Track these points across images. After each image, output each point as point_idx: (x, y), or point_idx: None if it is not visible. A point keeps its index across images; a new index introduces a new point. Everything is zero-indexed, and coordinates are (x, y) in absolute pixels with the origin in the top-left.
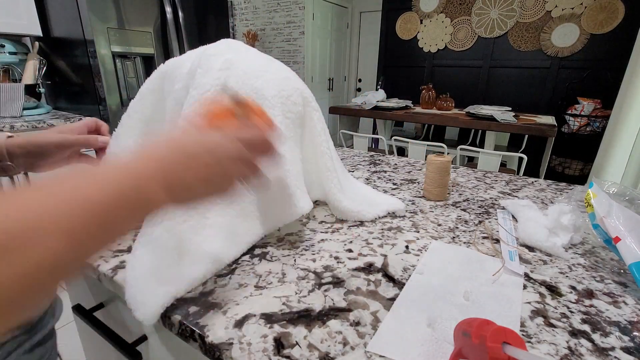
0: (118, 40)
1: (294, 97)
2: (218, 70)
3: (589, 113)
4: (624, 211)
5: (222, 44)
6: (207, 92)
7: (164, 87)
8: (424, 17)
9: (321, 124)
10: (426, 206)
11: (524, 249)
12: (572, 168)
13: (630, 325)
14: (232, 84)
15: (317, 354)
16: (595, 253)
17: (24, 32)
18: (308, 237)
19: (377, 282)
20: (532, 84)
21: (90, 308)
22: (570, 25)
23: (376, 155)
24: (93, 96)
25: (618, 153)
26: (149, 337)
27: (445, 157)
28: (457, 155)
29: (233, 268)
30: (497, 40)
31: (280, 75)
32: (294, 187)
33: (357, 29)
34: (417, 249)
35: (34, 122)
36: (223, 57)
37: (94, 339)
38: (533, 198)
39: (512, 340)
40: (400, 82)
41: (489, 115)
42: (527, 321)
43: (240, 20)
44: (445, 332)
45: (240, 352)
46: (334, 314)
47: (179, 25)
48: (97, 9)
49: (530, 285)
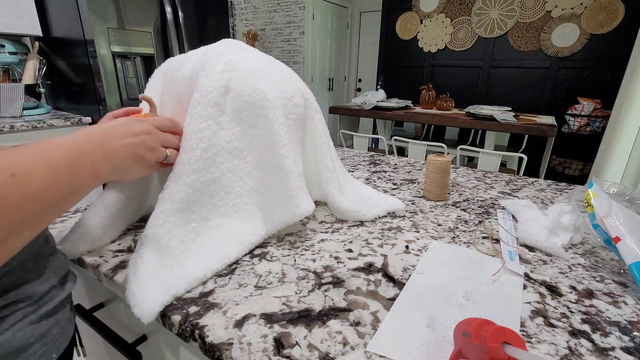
0: (118, 40)
1: (296, 98)
2: (220, 72)
3: (589, 113)
4: (624, 211)
5: (223, 44)
6: (210, 94)
7: (165, 89)
8: (424, 17)
9: (322, 125)
10: (426, 206)
11: (524, 249)
12: (572, 168)
13: (630, 325)
14: (235, 85)
15: (317, 354)
16: (595, 253)
17: (24, 32)
18: (308, 237)
19: (377, 282)
20: (532, 84)
21: (90, 308)
22: (570, 25)
23: (376, 155)
24: (93, 96)
25: (618, 153)
26: (149, 337)
27: (445, 157)
28: (457, 155)
29: (233, 268)
30: (497, 40)
31: (282, 76)
32: (297, 188)
33: (357, 29)
34: (417, 249)
35: (34, 122)
36: (224, 58)
37: (94, 339)
38: (533, 198)
39: (512, 340)
40: (400, 82)
41: (489, 115)
42: (527, 321)
43: (240, 20)
44: (445, 332)
45: (240, 352)
46: (334, 314)
47: (179, 25)
48: (97, 9)
49: (530, 285)
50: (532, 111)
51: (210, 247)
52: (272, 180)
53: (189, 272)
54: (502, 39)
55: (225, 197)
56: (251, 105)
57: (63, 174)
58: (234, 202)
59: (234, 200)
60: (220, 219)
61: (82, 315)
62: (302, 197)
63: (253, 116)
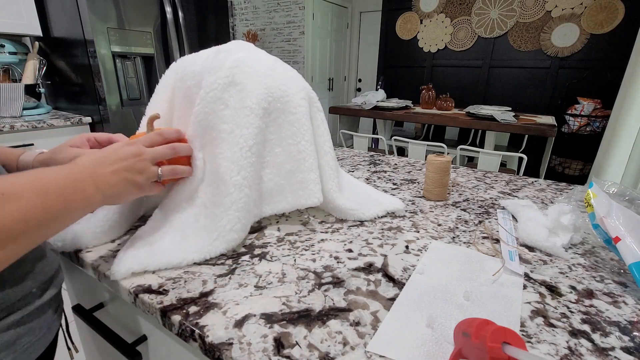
0: (118, 40)
1: (301, 94)
2: (228, 68)
3: (589, 113)
4: (624, 211)
5: (234, 43)
6: (215, 89)
7: (175, 84)
8: (424, 17)
9: (324, 124)
10: (426, 206)
11: (524, 249)
12: (572, 168)
13: (630, 325)
14: (241, 80)
15: (317, 354)
16: (595, 253)
17: (24, 32)
18: (308, 237)
19: (377, 282)
20: (532, 84)
21: (90, 308)
22: (570, 25)
23: (376, 155)
24: (93, 96)
25: (618, 153)
26: (148, 337)
27: (445, 157)
28: (457, 155)
29: (233, 268)
30: (497, 40)
31: (287, 75)
32: (313, 181)
33: (357, 29)
34: (417, 249)
35: (34, 122)
36: (234, 55)
37: (94, 339)
38: (533, 198)
39: (512, 340)
40: (400, 82)
41: (489, 115)
42: (527, 321)
43: (240, 20)
44: (445, 332)
45: (240, 352)
46: (334, 314)
47: (179, 25)
48: (97, 9)
49: (530, 285)
50: (532, 111)
51: (196, 240)
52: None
53: (167, 257)
54: (502, 39)
55: (221, 185)
56: (258, 100)
57: (53, 200)
58: (230, 191)
59: (229, 190)
60: (214, 209)
61: (82, 315)
62: (315, 186)
63: (260, 109)
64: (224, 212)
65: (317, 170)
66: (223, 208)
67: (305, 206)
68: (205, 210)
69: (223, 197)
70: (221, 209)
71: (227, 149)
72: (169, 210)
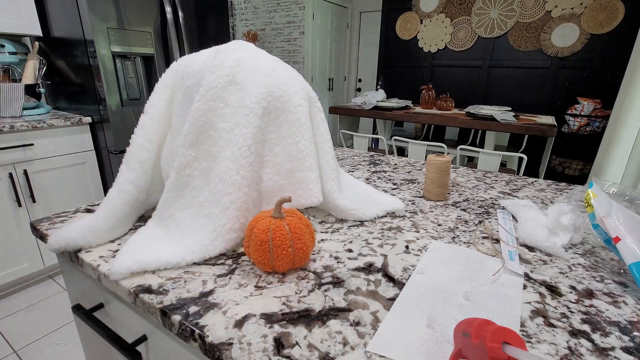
0: (118, 40)
1: (301, 94)
2: (228, 67)
3: (589, 113)
4: (624, 211)
5: (234, 43)
6: (215, 87)
7: (176, 83)
8: (424, 17)
9: (324, 124)
10: (426, 206)
11: (524, 249)
12: (572, 168)
13: (630, 325)
14: (241, 79)
15: (317, 354)
16: (595, 253)
17: (24, 32)
18: None
19: (377, 282)
20: (532, 84)
21: (90, 308)
22: (570, 25)
23: (376, 155)
24: (93, 96)
25: (618, 153)
26: (148, 337)
27: (445, 157)
28: (457, 155)
29: (233, 268)
30: (497, 40)
31: (287, 75)
32: (312, 181)
33: (357, 29)
34: (417, 249)
35: (34, 122)
36: (235, 55)
37: (94, 339)
38: (533, 198)
39: (512, 340)
40: (400, 82)
41: (489, 115)
42: (527, 321)
43: (240, 20)
44: (445, 332)
45: (240, 352)
46: (334, 314)
47: (179, 25)
48: (97, 9)
49: (530, 285)
50: (532, 111)
51: (196, 239)
52: (281, 169)
53: (167, 256)
54: (502, 39)
55: (219, 184)
56: (258, 99)
57: None
58: (229, 191)
59: (228, 189)
60: (213, 208)
61: (82, 315)
62: (315, 185)
63: (259, 108)
64: (223, 211)
65: (317, 169)
66: (222, 207)
67: (305, 206)
68: (202, 210)
69: (222, 196)
70: (220, 208)
71: (226, 147)
72: (168, 210)
